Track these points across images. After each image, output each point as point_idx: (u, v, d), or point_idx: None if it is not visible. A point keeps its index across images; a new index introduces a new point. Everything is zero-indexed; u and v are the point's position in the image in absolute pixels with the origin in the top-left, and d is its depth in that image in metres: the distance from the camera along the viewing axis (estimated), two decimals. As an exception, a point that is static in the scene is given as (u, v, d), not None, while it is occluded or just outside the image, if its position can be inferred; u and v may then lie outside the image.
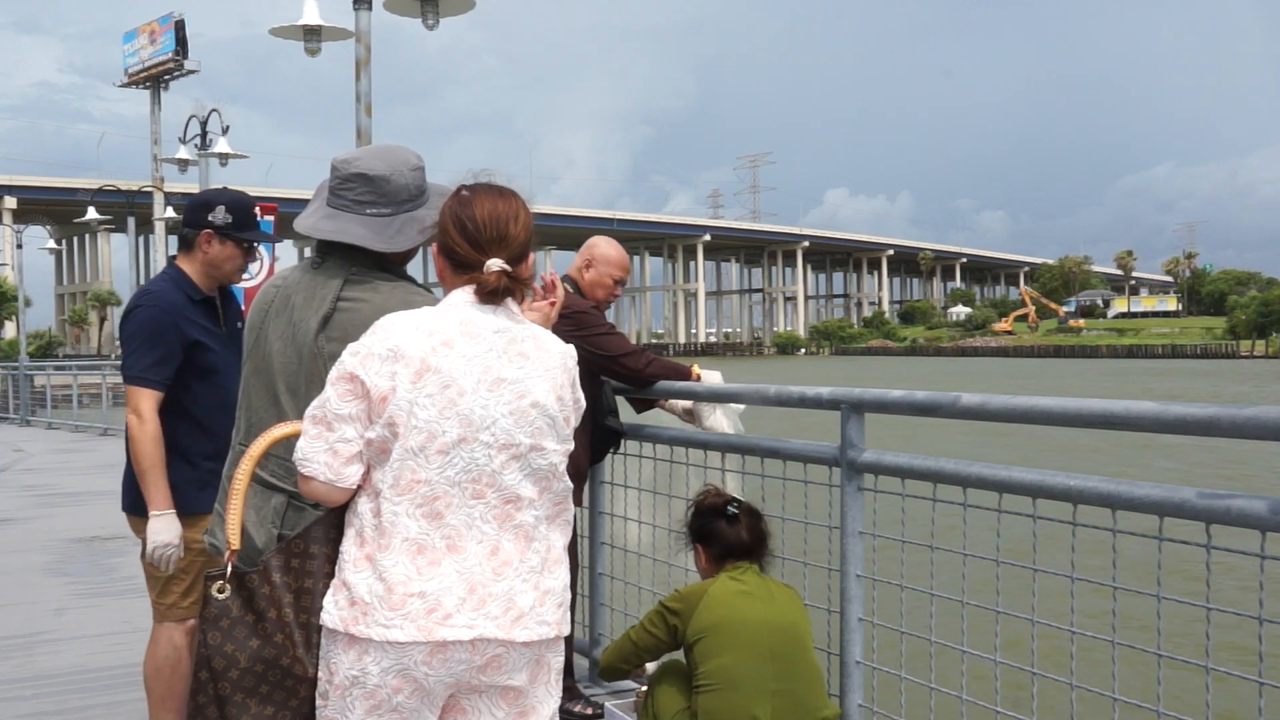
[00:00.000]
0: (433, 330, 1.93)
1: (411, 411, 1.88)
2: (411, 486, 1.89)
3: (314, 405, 1.94)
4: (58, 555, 7.32)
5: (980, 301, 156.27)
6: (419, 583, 1.87)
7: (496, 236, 2.00)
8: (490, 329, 1.97)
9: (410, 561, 1.88)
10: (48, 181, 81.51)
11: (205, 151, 17.51)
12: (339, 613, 1.89)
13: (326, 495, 1.95)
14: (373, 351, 1.91)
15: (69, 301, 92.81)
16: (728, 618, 2.93)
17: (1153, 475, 16.86)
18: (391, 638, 1.85)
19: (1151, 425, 2.32)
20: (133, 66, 53.74)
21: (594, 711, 3.85)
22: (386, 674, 1.86)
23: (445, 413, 1.89)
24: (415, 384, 1.88)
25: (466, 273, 2.01)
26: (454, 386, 1.90)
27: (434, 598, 1.87)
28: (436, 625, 1.86)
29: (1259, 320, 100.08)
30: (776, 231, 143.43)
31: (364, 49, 6.98)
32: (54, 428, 19.34)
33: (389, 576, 1.87)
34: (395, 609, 1.85)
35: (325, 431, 1.91)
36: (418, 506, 1.89)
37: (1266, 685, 2.20)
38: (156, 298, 3.18)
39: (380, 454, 1.91)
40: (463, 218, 2.01)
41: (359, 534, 1.93)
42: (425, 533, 1.90)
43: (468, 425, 1.90)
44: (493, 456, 1.93)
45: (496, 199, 2.04)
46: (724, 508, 3.15)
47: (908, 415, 3.03)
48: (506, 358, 1.96)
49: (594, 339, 3.82)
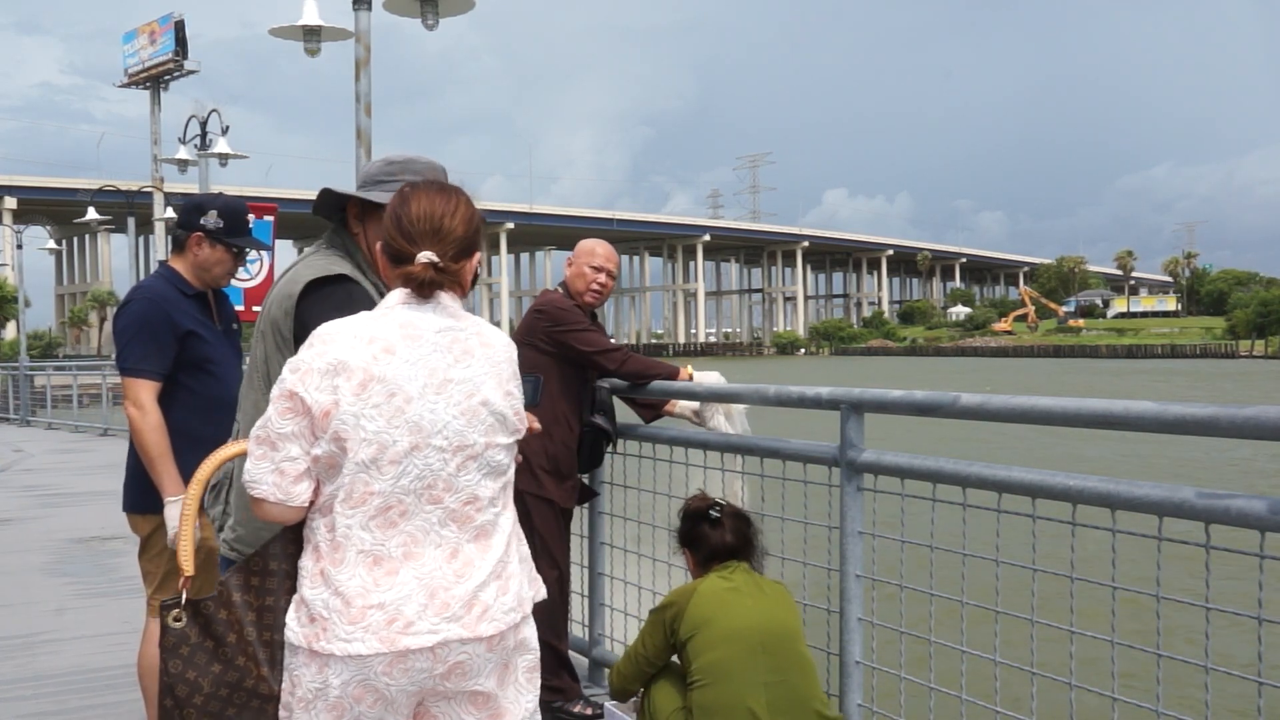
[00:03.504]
0: (373, 338, 1.89)
1: (359, 424, 1.84)
2: (364, 499, 1.86)
3: (258, 425, 1.90)
4: (58, 555, 7.32)
5: (980, 301, 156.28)
6: (377, 594, 1.85)
7: (429, 230, 1.97)
8: (432, 329, 1.94)
9: (367, 573, 1.86)
10: (48, 182, 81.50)
11: (205, 152, 17.51)
12: (300, 629, 1.88)
13: (280, 515, 1.91)
14: (312, 367, 1.86)
15: (69, 302, 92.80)
16: (717, 614, 2.95)
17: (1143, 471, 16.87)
18: (353, 651, 1.83)
19: (1151, 425, 2.32)
20: (133, 67, 53.73)
21: (594, 712, 3.85)
22: (348, 685, 1.85)
23: (394, 422, 1.86)
24: (360, 396, 1.85)
25: (401, 267, 1.99)
26: (400, 394, 1.87)
27: (394, 607, 1.85)
28: (399, 635, 1.85)
29: (1258, 320, 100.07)
30: (776, 231, 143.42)
31: (364, 49, 6.98)
32: (54, 428, 19.35)
33: (346, 590, 1.85)
34: (355, 622, 1.84)
35: (270, 451, 1.87)
36: (371, 518, 1.87)
37: (1266, 685, 2.20)
38: (148, 291, 3.21)
39: (330, 469, 1.87)
40: (399, 213, 2.01)
41: (315, 549, 1.91)
42: (380, 543, 1.87)
43: (418, 432, 1.88)
44: (448, 460, 1.91)
45: (436, 195, 2.02)
46: (707, 511, 3.17)
47: (907, 415, 3.03)
48: (451, 357, 1.94)
49: (570, 335, 3.87)
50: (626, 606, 4.14)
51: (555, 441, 3.90)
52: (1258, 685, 2.22)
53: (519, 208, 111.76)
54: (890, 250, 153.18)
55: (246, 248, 3.36)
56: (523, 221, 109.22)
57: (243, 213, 3.36)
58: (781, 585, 3.12)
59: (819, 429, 3.87)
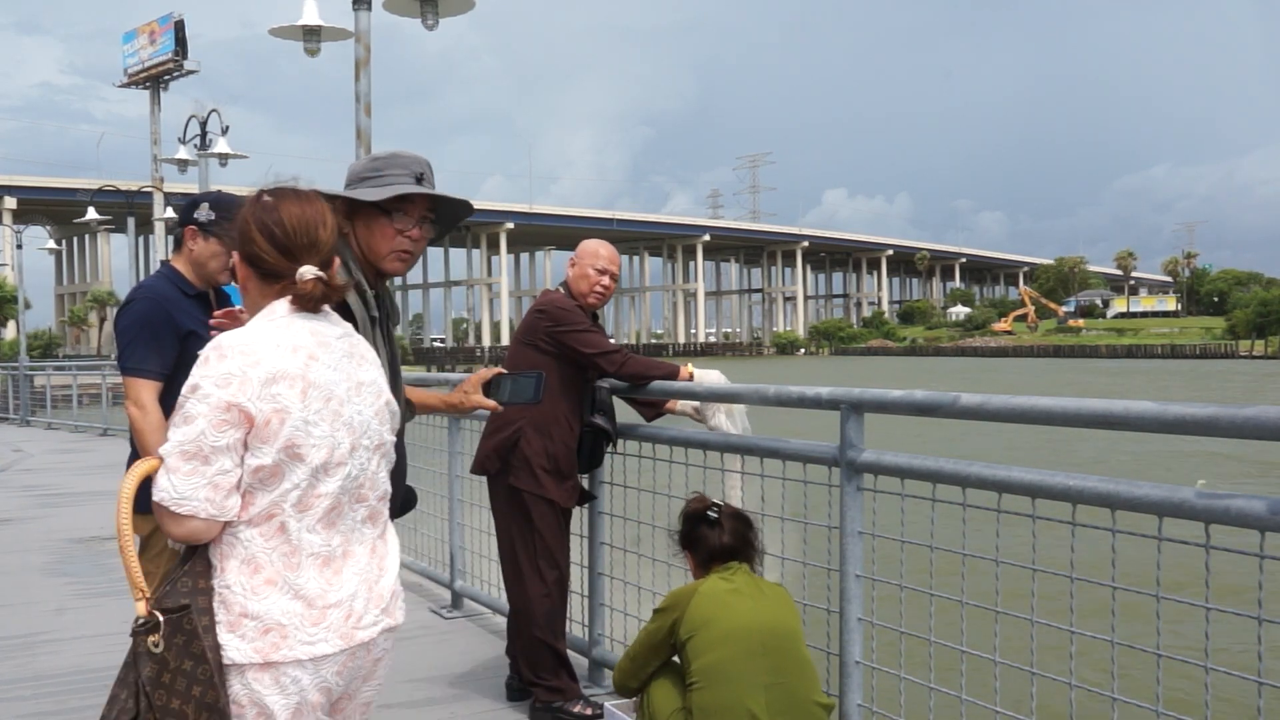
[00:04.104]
0: (295, 346, 1.89)
1: (308, 430, 1.86)
2: (313, 503, 1.89)
3: (182, 441, 1.82)
4: (57, 555, 7.32)
5: (980, 301, 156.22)
6: (334, 593, 1.91)
7: (308, 242, 1.94)
8: (334, 336, 1.98)
9: (319, 575, 1.90)
10: (48, 182, 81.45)
11: (205, 152, 17.51)
12: (250, 645, 1.82)
13: (205, 533, 1.84)
14: (249, 376, 1.83)
15: (69, 302, 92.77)
16: (717, 615, 2.95)
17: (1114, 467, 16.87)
18: (317, 652, 1.87)
19: (1151, 425, 2.32)
20: (132, 67, 53.73)
21: (594, 712, 3.85)
22: (306, 691, 1.87)
23: (335, 425, 1.91)
24: (304, 403, 1.86)
25: (276, 282, 1.95)
26: (334, 398, 1.92)
27: (347, 604, 1.93)
28: (354, 630, 1.93)
29: (1258, 320, 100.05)
30: (776, 231, 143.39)
31: (364, 49, 6.98)
32: (54, 428, 19.34)
33: (307, 593, 1.87)
34: (317, 623, 1.87)
35: (201, 466, 1.81)
36: (318, 520, 1.91)
37: (1266, 685, 2.20)
38: (149, 290, 3.21)
39: (270, 478, 1.85)
40: (269, 224, 1.95)
41: (247, 562, 1.85)
42: (327, 544, 1.92)
43: (353, 433, 1.95)
44: (370, 459, 2.00)
45: (304, 203, 1.98)
46: (705, 513, 3.17)
47: (907, 415, 3.03)
48: (354, 362, 2.00)
49: (571, 335, 3.87)
50: (626, 606, 4.14)
51: (555, 441, 3.90)
52: (1258, 685, 2.22)
53: (519, 208, 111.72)
54: (890, 250, 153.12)
55: None
56: (522, 221, 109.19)
57: (236, 206, 3.37)
58: (781, 587, 3.13)
59: (819, 429, 3.87)
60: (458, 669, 4.56)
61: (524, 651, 3.97)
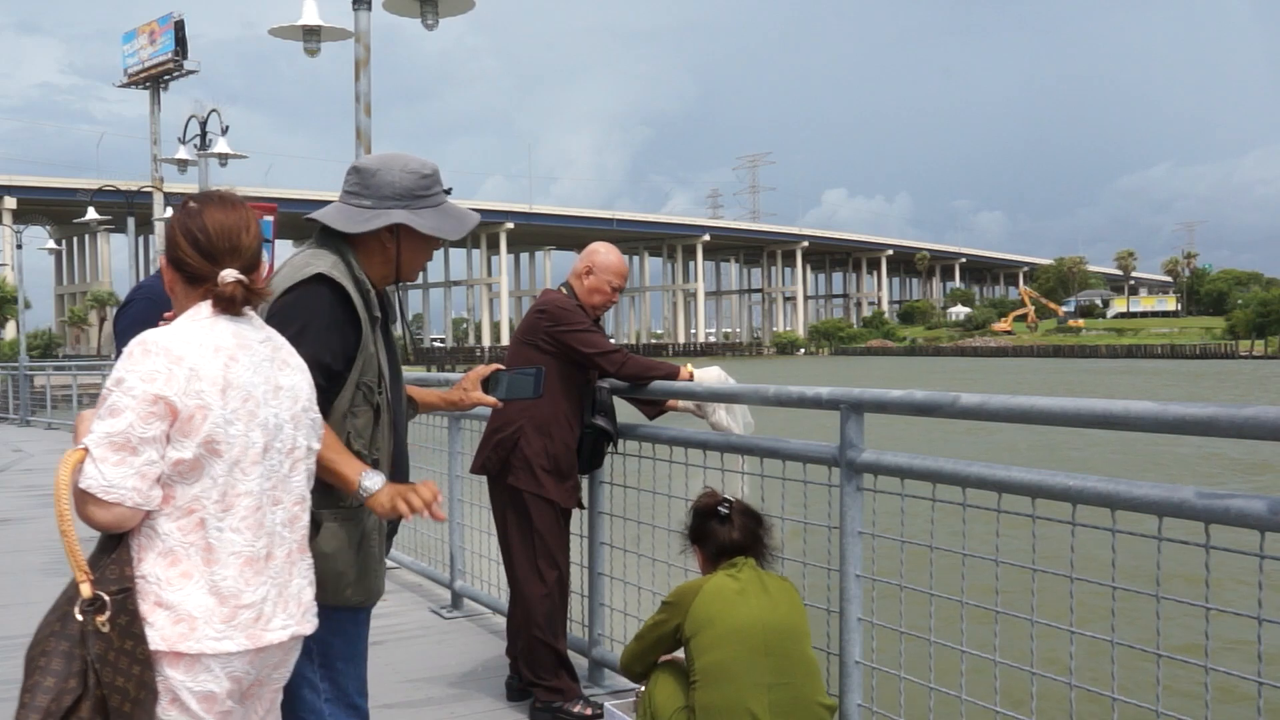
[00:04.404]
0: (218, 346, 1.97)
1: (226, 428, 1.94)
2: (235, 500, 1.96)
3: (110, 432, 1.87)
4: (57, 555, 7.27)
5: (979, 301, 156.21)
6: (249, 593, 1.97)
7: (229, 247, 2.03)
8: (257, 340, 2.05)
9: (239, 574, 1.96)
10: (48, 182, 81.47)
11: (205, 152, 17.51)
12: (158, 634, 1.90)
13: (128, 520, 1.90)
14: (173, 373, 1.91)
15: (68, 302, 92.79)
16: (722, 613, 2.95)
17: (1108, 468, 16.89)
18: (223, 649, 1.92)
19: (1151, 425, 2.32)
20: (132, 67, 53.68)
21: (594, 712, 3.85)
22: (218, 681, 1.93)
23: (250, 425, 1.97)
24: (223, 400, 1.94)
25: (200, 285, 2.03)
26: (252, 398, 1.98)
27: (258, 606, 1.98)
28: (262, 631, 1.98)
29: (1258, 320, 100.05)
30: (776, 232, 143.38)
31: (363, 49, 6.99)
32: (54, 428, 19.33)
33: (222, 590, 1.93)
34: (226, 621, 1.93)
35: (130, 456, 1.87)
36: (242, 519, 1.97)
37: (1266, 685, 2.20)
38: (149, 291, 3.21)
39: (190, 472, 1.92)
40: (193, 230, 2.03)
41: (165, 554, 1.92)
42: (250, 544, 1.98)
43: (268, 433, 2.01)
44: (282, 462, 2.04)
45: (227, 210, 2.07)
46: (716, 508, 3.17)
47: (907, 415, 3.03)
48: (275, 365, 2.06)
49: (571, 335, 3.87)
50: (626, 606, 4.14)
51: (555, 441, 3.90)
52: (1258, 685, 2.22)
53: (519, 208, 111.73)
54: (890, 250, 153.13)
55: None
56: (522, 221, 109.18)
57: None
58: (789, 584, 3.11)
59: (819, 429, 3.88)
60: (458, 669, 4.56)
61: (524, 651, 3.97)
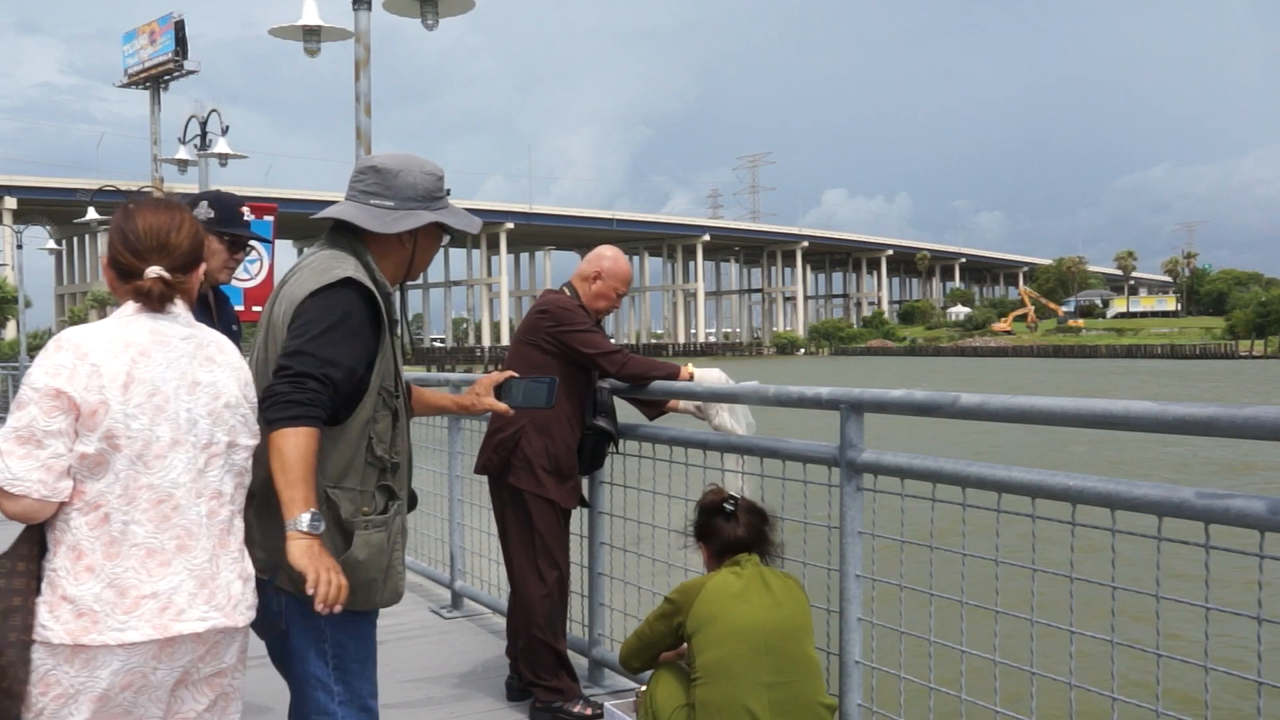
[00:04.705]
0: (128, 342, 2.04)
1: (126, 424, 1.99)
2: (138, 494, 2.00)
3: (16, 426, 1.95)
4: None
5: (979, 302, 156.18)
6: (151, 584, 2.00)
7: (156, 245, 2.11)
8: (178, 336, 2.11)
9: (141, 566, 2.00)
10: (48, 182, 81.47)
11: (205, 152, 17.51)
12: (62, 627, 1.94)
13: (37, 512, 1.97)
14: (76, 369, 1.98)
15: (69, 302, 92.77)
16: (722, 611, 2.95)
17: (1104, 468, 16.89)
18: (126, 639, 1.95)
19: (1151, 425, 2.32)
20: (132, 67, 53.66)
21: (594, 712, 3.85)
22: (116, 675, 1.95)
23: (156, 419, 2.02)
24: (124, 396, 1.99)
25: (129, 281, 2.11)
26: (159, 394, 2.03)
27: (166, 596, 2.00)
28: (171, 621, 2.00)
29: (1258, 320, 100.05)
30: (776, 232, 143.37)
31: (363, 49, 6.98)
32: (53, 428, 19.31)
33: (121, 582, 1.97)
34: (129, 612, 1.96)
35: (35, 450, 1.94)
36: (144, 512, 2.00)
37: (1266, 685, 2.20)
38: None
39: (96, 467, 1.98)
40: (126, 230, 2.13)
41: (73, 548, 1.98)
42: (153, 536, 2.02)
43: (177, 429, 2.05)
44: (197, 457, 2.08)
45: (160, 211, 2.16)
46: (721, 505, 3.17)
47: (907, 415, 3.03)
48: (197, 362, 2.11)
49: (573, 335, 3.87)
50: (626, 606, 4.14)
51: (556, 441, 3.90)
52: (1258, 685, 2.22)
53: (518, 208, 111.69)
54: (890, 250, 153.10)
55: (241, 238, 3.36)
56: (522, 222, 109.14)
57: (234, 204, 3.37)
58: (793, 581, 3.11)
59: (819, 429, 3.87)
60: (458, 669, 4.56)
61: (524, 651, 3.97)
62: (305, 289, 2.34)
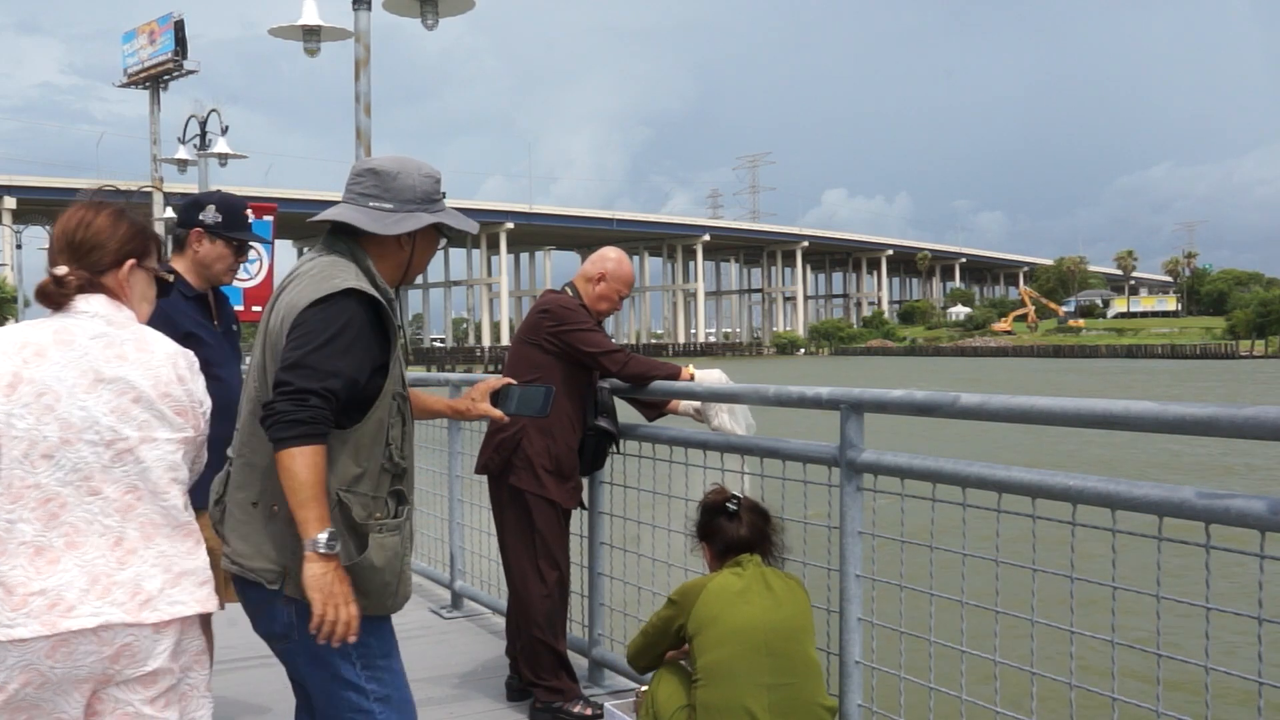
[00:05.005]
0: (24, 343, 2.04)
1: (10, 423, 1.98)
2: (23, 493, 1.99)
3: None
4: None
5: (980, 302, 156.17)
6: (39, 581, 1.97)
7: (63, 245, 2.13)
8: (86, 335, 2.08)
9: (29, 564, 1.98)
10: (47, 181, 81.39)
11: (204, 152, 17.52)
12: None
13: None
14: None
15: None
16: (723, 612, 2.95)
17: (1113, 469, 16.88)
18: (15, 635, 1.93)
19: (1151, 425, 2.32)
20: (132, 67, 53.60)
21: (594, 712, 3.85)
22: (12, 671, 1.94)
23: (43, 419, 2.00)
24: (10, 397, 1.99)
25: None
26: (49, 393, 2.02)
27: (55, 593, 1.97)
28: (60, 618, 1.96)
29: (1258, 320, 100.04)
30: (776, 232, 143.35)
31: (363, 49, 6.99)
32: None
33: (8, 580, 1.96)
34: (17, 609, 1.94)
35: None
36: (32, 510, 2.00)
37: (1266, 685, 2.20)
38: None
39: None
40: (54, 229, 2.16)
41: None
42: (41, 534, 2.00)
43: (68, 428, 2.02)
44: (100, 454, 2.04)
45: (82, 210, 2.17)
46: (724, 505, 3.17)
47: (907, 415, 3.03)
48: (104, 360, 2.07)
49: (574, 335, 3.87)
50: (626, 606, 4.14)
51: (557, 442, 3.90)
52: (1258, 685, 2.22)
53: (518, 208, 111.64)
54: (890, 250, 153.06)
55: (247, 242, 3.37)
56: (522, 222, 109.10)
57: (241, 208, 3.37)
58: (795, 581, 3.11)
59: (819, 429, 3.87)
60: (458, 669, 4.56)
61: (524, 651, 3.97)
62: (305, 298, 2.32)
